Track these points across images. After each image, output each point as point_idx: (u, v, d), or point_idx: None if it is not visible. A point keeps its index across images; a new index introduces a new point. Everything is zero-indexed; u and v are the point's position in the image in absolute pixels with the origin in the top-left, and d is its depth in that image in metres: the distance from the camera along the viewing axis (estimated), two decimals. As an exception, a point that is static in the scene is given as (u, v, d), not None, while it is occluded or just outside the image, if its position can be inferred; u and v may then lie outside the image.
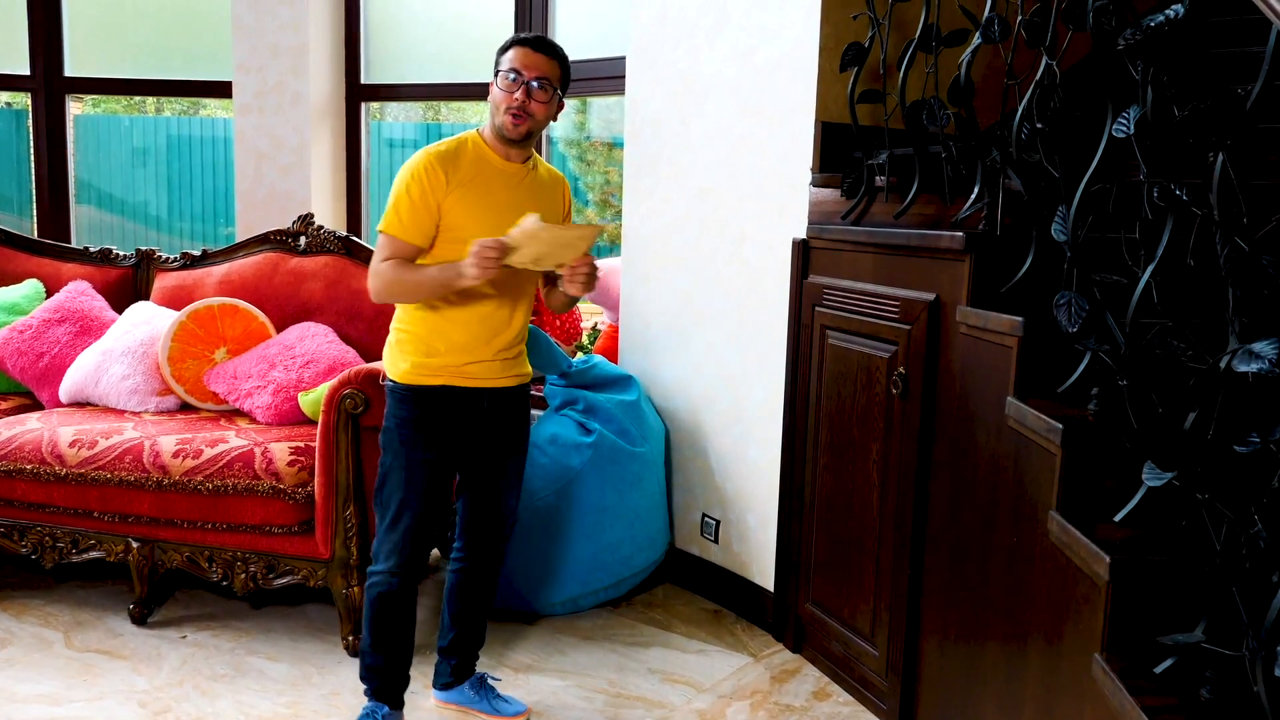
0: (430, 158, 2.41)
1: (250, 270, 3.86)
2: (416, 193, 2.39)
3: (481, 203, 2.44)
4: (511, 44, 2.45)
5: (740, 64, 3.28)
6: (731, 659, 3.13)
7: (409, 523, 2.48)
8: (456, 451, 2.54)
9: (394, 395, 2.51)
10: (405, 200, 2.40)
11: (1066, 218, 1.99)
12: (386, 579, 2.51)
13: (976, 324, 2.30)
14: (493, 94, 2.43)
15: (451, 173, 2.41)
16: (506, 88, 2.40)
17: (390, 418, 2.51)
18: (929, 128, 2.52)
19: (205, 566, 3.11)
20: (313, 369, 3.47)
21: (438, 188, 2.39)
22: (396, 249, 2.41)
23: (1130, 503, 1.78)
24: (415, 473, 2.47)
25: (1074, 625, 1.86)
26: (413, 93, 4.75)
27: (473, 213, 2.42)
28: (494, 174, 2.46)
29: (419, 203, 2.39)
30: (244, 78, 4.57)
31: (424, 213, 2.39)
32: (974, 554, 2.34)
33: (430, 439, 2.47)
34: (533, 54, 2.42)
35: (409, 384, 2.48)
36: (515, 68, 2.40)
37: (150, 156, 8.41)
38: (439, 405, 2.48)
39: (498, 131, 2.44)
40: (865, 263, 2.80)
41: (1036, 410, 2.00)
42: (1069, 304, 1.96)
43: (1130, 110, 1.78)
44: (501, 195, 2.47)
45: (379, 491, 2.52)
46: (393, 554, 2.50)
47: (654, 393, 3.73)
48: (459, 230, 2.41)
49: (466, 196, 2.42)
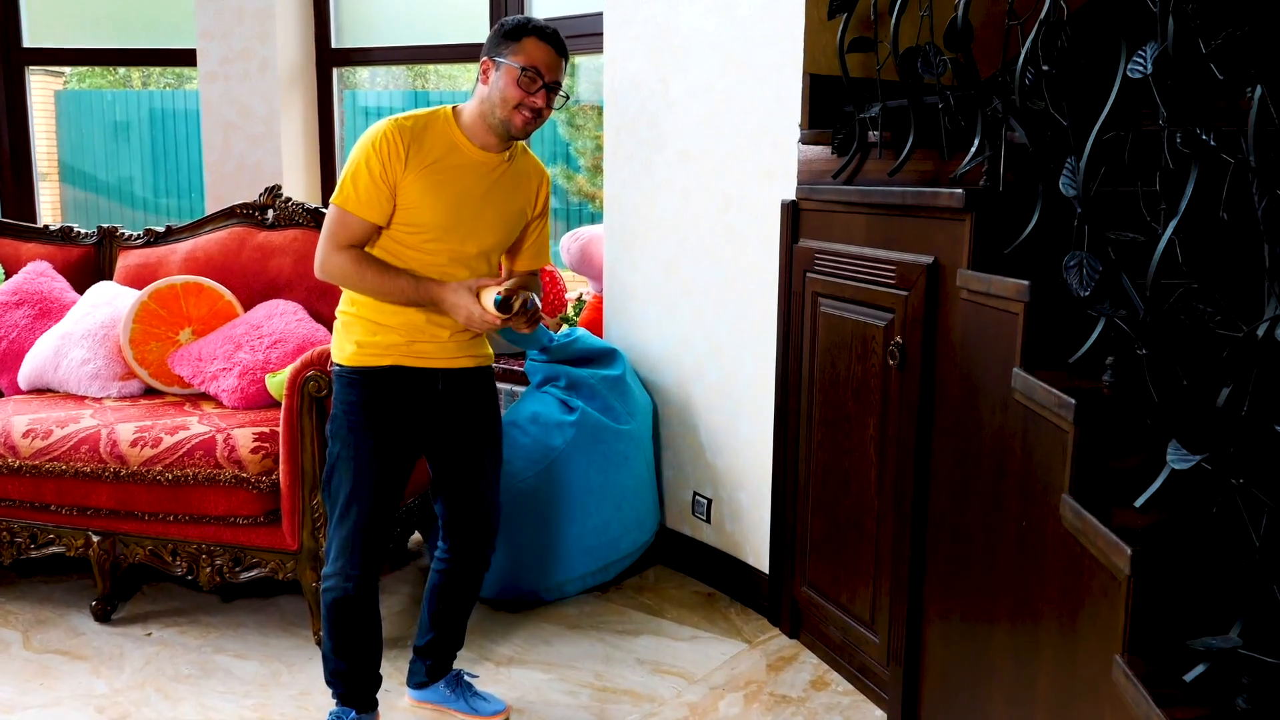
0: (391, 128, 2.20)
1: (216, 246, 3.68)
2: (376, 166, 2.18)
3: (442, 191, 2.24)
4: (530, 34, 2.20)
5: (721, 15, 3.07)
6: (725, 646, 2.97)
7: (358, 518, 2.29)
8: (410, 439, 2.35)
9: (340, 380, 2.33)
10: (363, 172, 2.19)
11: (1076, 170, 1.81)
12: (340, 583, 2.31)
13: (979, 289, 2.12)
14: (497, 85, 2.20)
15: (414, 150, 2.20)
16: (524, 85, 2.18)
17: (336, 404, 2.33)
18: (925, 76, 2.32)
19: (169, 560, 2.95)
20: (281, 349, 3.30)
21: (394, 162, 2.19)
22: (349, 227, 2.22)
23: (1152, 486, 1.61)
24: (364, 462, 2.28)
25: (1091, 620, 1.69)
26: (386, 56, 4.54)
27: (429, 201, 2.23)
28: (463, 161, 2.26)
29: (377, 178, 2.19)
30: (208, 44, 4.36)
31: (382, 190, 2.19)
32: (979, 537, 2.17)
33: (380, 425, 2.29)
34: (554, 55, 2.22)
35: (355, 366, 2.29)
36: (536, 66, 2.18)
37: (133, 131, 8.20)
38: (388, 387, 2.29)
39: (496, 125, 2.23)
40: (858, 225, 2.61)
41: (1046, 383, 1.82)
42: (1080, 265, 1.77)
43: (1147, 47, 1.59)
44: (467, 187, 2.27)
45: (326, 484, 2.34)
46: (343, 553, 2.31)
47: (641, 366, 3.55)
48: (414, 216, 2.23)
49: (425, 180, 2.22)
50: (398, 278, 2.22)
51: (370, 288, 2.23)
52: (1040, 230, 2.05)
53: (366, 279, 2.22)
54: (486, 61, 2.23)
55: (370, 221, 2.21)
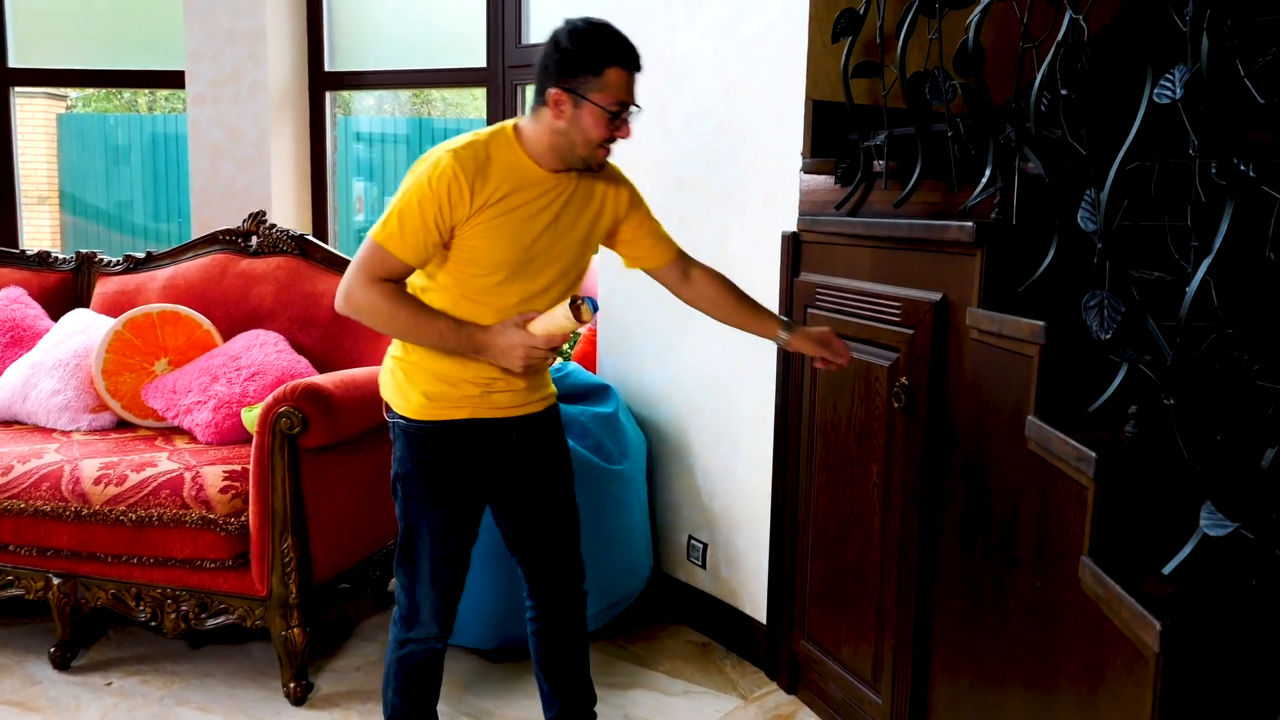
0: (452, 165, 1.91)
1: (197, 273, 3.55)
2: (431, 209, 1.91)
3: (509, 229, 1.98)
4: (613, 61, 1.93)
5: (722, 38, 2.94)
6: (720, 702, 2.80)
7: (447, 581, 2.14)
8: (484, 494, 2.18)
9: (406, 437, 2.09)
10: (414, 212, 1.92)
11: (1096, 203, 1.66)
12: (430, 645, 2.18)
13: (990, 328, 1.97)
14: (578, 123, 1.94)
15: (478, 187, 1.93)
16: (610, 124, 1.96)
17: (405, 463, 2.10)
18: (933, 103, 2.19)
19: (132, 605, 2.80)
20: (259, 381, 3.16)
21: (458, 206, 1.92)
22: (387, 264, 1.95)
23: (1181, 552, 1.45)
24: (447, 526, 2.11)
25: (1113, 699, 1.53)
26: (381, 80, 4.43)
27: (495, 242, 1.97)
28: (530, 189, 1.99)
29: (430, 223, 1.92)
30: (197, 66, 4.25)
31: (432, 234, 1.94)
32: (990, 596, 2.01)
33: (457, 484, 2.10)
34: (633, 79, 1.99)
35: (425, 420, 2.06)
36: (623, 100, 1.96)
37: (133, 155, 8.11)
38: (462, 442, 2.08)
39: (574, 161, 2.01)
40: (863, 258, 2.47)
41: (1063, 434, 1.67)
42: (1101, 305, 1.63)
43: (1176, 70, 1.45)
44: (536, 218, 2.01)
45: (406, 549, 2.13)
46: (435, 618, 2.15)
47: (635, 403, 3.40)
48: (478, 255, 1.98)
49: (491, 221, 1.96)
50: (436, 320, 1.97)
51: (401, 328, 1.99)
52: (1056, 267, 1.90)
53: (399, 318, 1.96)
54: (559, 94, 1.93)
55: (409, 265, 1.97)
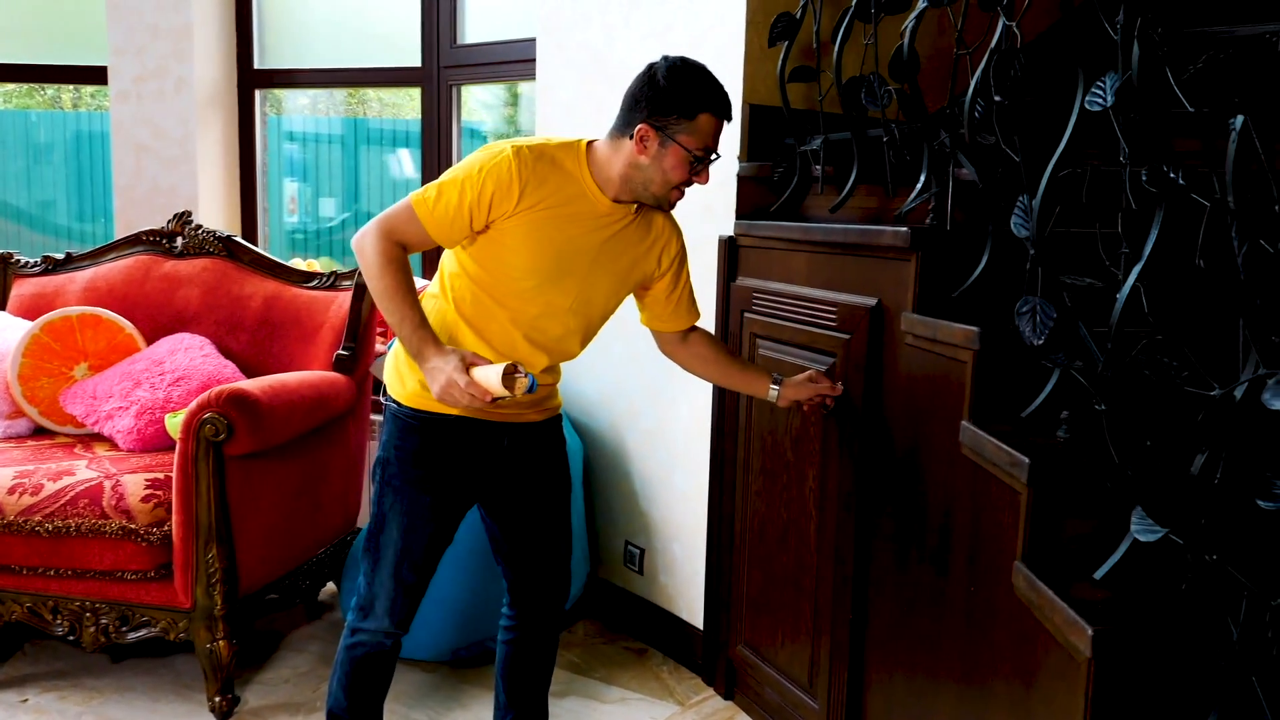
0: (511, 158, 1.89)
1: (119, 275, 3.45)
2: (472, 194, 1.89)
3: (550, 239, 1.94)
4: (707, 107, 1.90)
5: (659, 41, 2.93)
6: (656, 709, 2.78)
7: (408, 576, 2.08)
8: (468, 495, 2.13)
9: (397, 421, 2.06)
10: (453, 192, 1.90)
11: (1029, 209, 1.67)
12: (379, 639, 2.12)
13: (924, 334, 1.98)
14: (660, 162, 1.91)
15: (531, 187, 1.90)
16: (692, 168, 1.93)
17: (389, 448, 2.06)
18: (869, 108, 2.19)
19: (49, 619, 2.70)
20: (183, 386, 3.07)
21: (501, 202, 1.89)
22: (410, 229, 1.93)
23: (1112, 557, 1.46)
24: (421, 519, 2.05)
25: (1046, 703, 1.54)
26: (312, 79, 4.34)
27: (532, 247, 1.94)
28: (584, 210, 1.97)
29: (465, 207, 1.90)
30: (120, 62, 4.12)
31: (463, 218, 1.91)
32: (924, 600, 2.02)
33: (439, 479, 2.05)
34: (722, 127, 1.95)
35: (418, 409, 2.03)
36: (709, 146, 1.92)
37: (56, 154, 7.88)
38: (450, 438, 2.04)
39: (646, 198, 1.98)
40: (799, 263, 2.47)
41: (996, 439, 1.68)
42: (1034, 311, 1.64)
43: (1107, 77, 1.46)
44: (581, 237, 1.98)
45: (372, 536, 2.09)
46: (390, 612, 2.09)
47: (571, 409, 3.37)
48: (510, 256, 1.95)
49: (533, 225, 1.92)
50: (407, 307, 1.92)
51: (379, 291, 1.93)
52: (990, 273, 1.92)
53: (383, 281, 1.92)
54: (647, 129, 1.90)
55: (432, 240, 1.95)
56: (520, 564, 2.24)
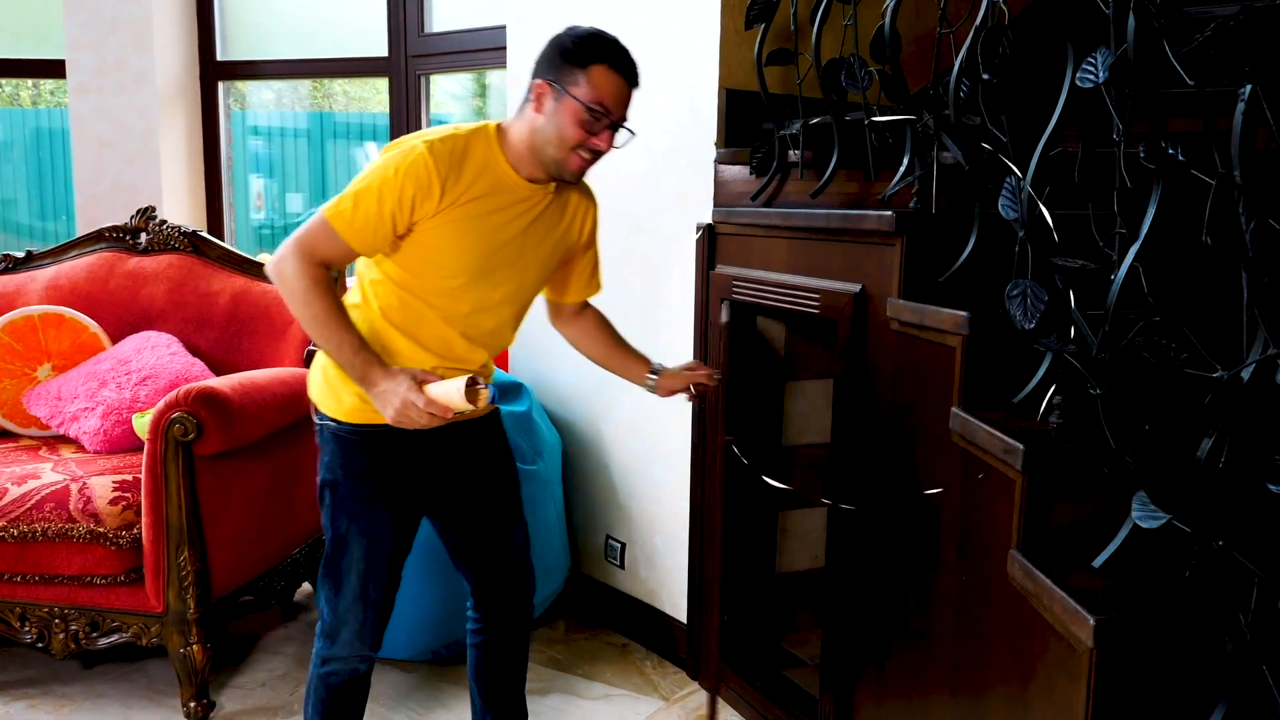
0: (425, 157, 1.80)
1: (82, 273, 3.36)
2: (391, 199, 1.79)
3: (476, 234, 1.87)
4: (599, 60, 1.82)
5: (630, 26, 2.86)
6: (640, 704, 2.74)
7: (375, 596, 2.00)
8: (421, 504, 2.06)
9: (337, 441, 1.96)
10: (371, 200, 1.80)
11: (1017, 190, 1.64)
12: (353, 665, 2.04)
13: (911, 319, 1.94)
14: (554, 119, 1.83)
15: (451, 184, 1.82)
16: (586, 125, 1.83)
17: (334, 469, 1.96)
18: (849, 90, 2.15)
19: (17, 626, 2.62)
20: (151, 386, 2.99)
21: (423, 202, 1.80)
22: (330, 246, 1.82)
23: (1112, 544, 1.43)
24: (380, 536, 1.97)
25: (1046, 694, 1.51)
26: (276, 70, 4.25)
27: (459, 244, 1.86)
28: (503, 195, 1.89)
29: (386, 213, 1.80)
30: (78, 55, 4.03)
31: (385, 225, 1.81)
32: (914, 590, 1.99)
33: (393, 491, 1.97)
34: (626, 88, 1.86)
35: (360, 424, 1.93)
36: (604, 102, 1.83)
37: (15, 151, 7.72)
38: (399, 447, 1.95)
39: (547, 163, 1.88)
40: (780, 249, 2.43)
41: (989, 426, 1.64)
42: (1024, 295, 1.61)
43: (1098, 54, 1.43)
44: (505, 226, 1.90)
45: (332, 561, 1.99)
46: (361, 635, 2.01)
47: (548, 401, 3.32)
48: (437, 257, 1.87)
49: (458, 222, 1.85)
50: (345, 331, 1.82)
51: (308, 318, 1.82)
52: (976, 257, 1.88)
53: (312, 308, 1.81)
54: (542, 85, 1.84)
55: (355, 253, 1.85)
56: (482, 564, 2.18)
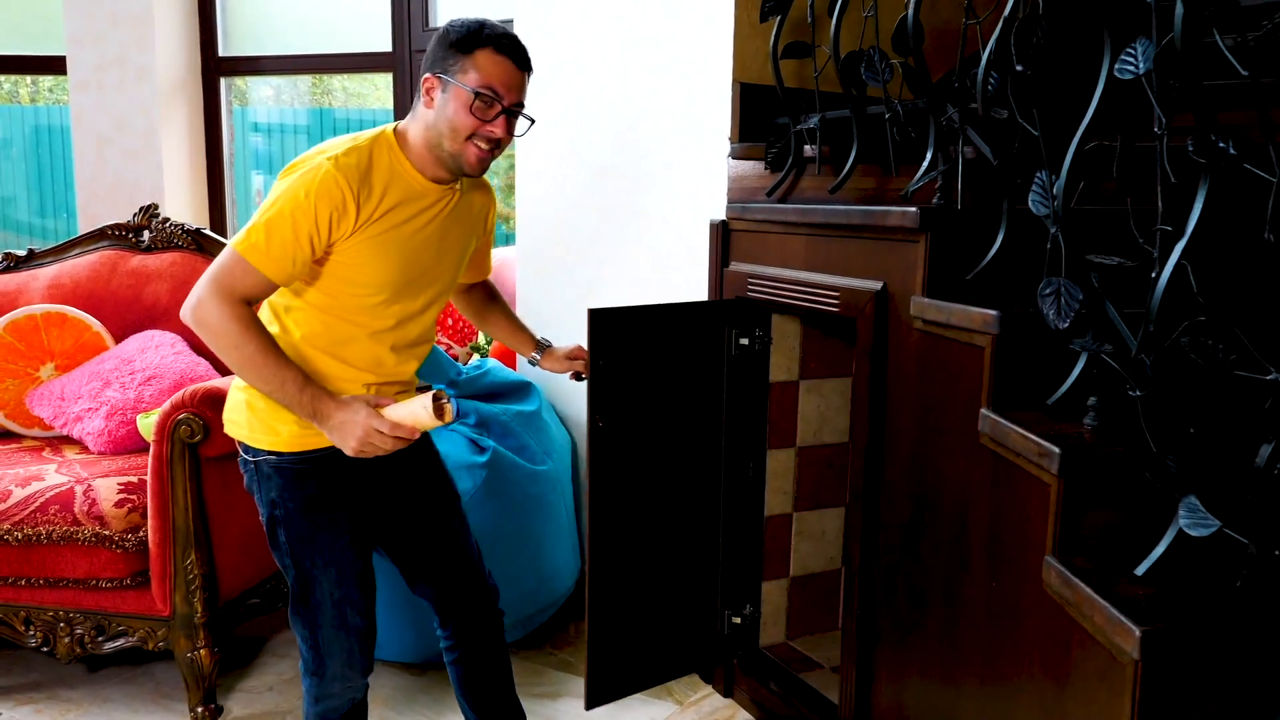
0: (333, 174, 1.74)
1: (84, 271, 3.31)
2: (305, 225, 1.73)
3: (394, 246, 1.83)
4: (482, 44, 1.78)
5: (641, 18, 2.83)
6: (654, 708, 2.70)
7: (357, 623, 1.95)
8: (372, 524, 2.00)
9: (281, 473, 1.87)
10: (285, 227, 1.72)
11: (1049, 186, 1.59)
12: (350, 695, 1.99)
13: (937, 319, 1.89)
14: (445, 110, 1.80)
15: (363, 199, 1.77)
16: (478, 111, 1.78)
17: (282, 504, 1.88)
18: (869, 83, 2.10)
19: (21, 629, 2.58)
20: (155, 386, 2.95)
21: (340, 222, 1.75)
22: (248, 282, 1.74)
23: (1155, 551, 1.39)
24: (346, 561, 1.91)
25: (1084, 704, 1.46)
26: (279, 66, 4.21)
27: (379, 261, 1.82)
28: (414, 202, 1.85)
29: (302, 238, 1.73)
30: (78, 51, 3.98)
31: (304, 251, 1.75)
32: (939, 597, 1.94)
33: (348, 513, 1.92)
34: (515, 70, 1.81)
35: (301, 451, 1.86)
36: (493, 87, 1.78)
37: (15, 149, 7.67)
38: (345, 470, 1.89)
39: (445, 159, 1.84)
40: (796, 246, 2.38)
41: (1022, 428, 1.60)
42: (1057, 293, 1.56)
43: (1138, 44, 1.39)
44: (419, 233, 1.87)
45: (302, 597, 1.92)
46: (350, 663, 1.96)
47: (558, 400, 3.27)
48: (357, 275, 1.82)
49: (374, 238, 1.80)
50: (283, 367, 1.76)
51: (241, 361, 1.74)
52: (1004, 255, 1.84)
53: (244, 350, 1.73)
54: (430, 79, 1.81)
55: (274, 284, 1.77)
56: (442, 577, 2.13)
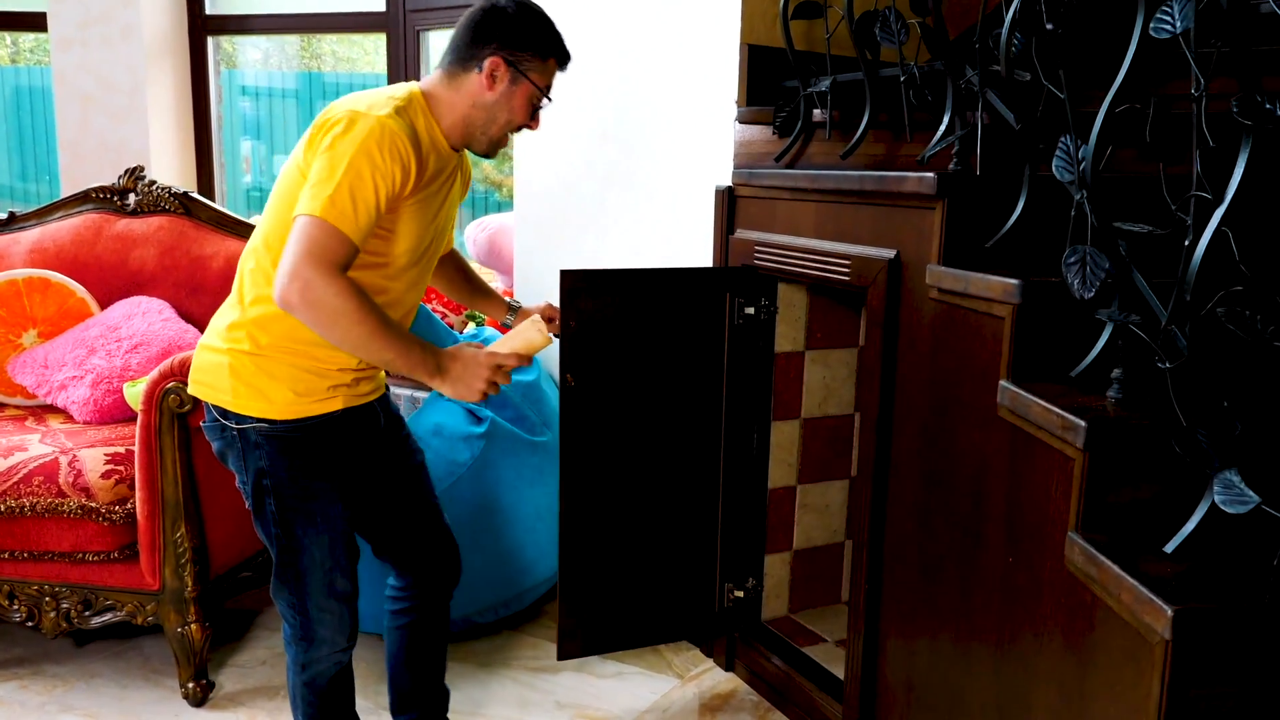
0: (402, 137, 1.67)
1: (68, 235, 3.23)
2: (385, 186, 1.65)
3: (426, 214, 1.81)
4: (557, 52, 1.85)
5: (647, -22, 2.75)
6: (655, 683, 2.66)
7: (344, 587, 1.91)
8: (360, 487, 1.96)
9: (273, 442, 1.80)
10: (367, 189, 1.63)
11: (1072, 150, 1.53)
12: (337, 657, 1.95)
13: (954, 288, 1.84)
14: (506, 99, 1.80)
15: (422, 164, 1.73)
16: (529, 109, 1.84)
17: (276, 472, 1.81)
18: (884, 44, 2.04)
19: (5, 604, 2.52)
20: (142, 353, 2.88)
21: (406, 179, 1.69)
22: (346, 254, 1.63)
23: (1185, 527, 1.34)
24: (336, 527, 1.87)
25: (1108, 686, 1.42)
26: (268, 25, 4.10)
27: (413, 226, 1.79)
28: (441, 169, 1.83)
29: (382, 199, 1.66)
30: (60, 6, 3.86)
31: (377, 214, 1.67)
32: (952, 571, 1.90)
33: (340, 480, 1.87)
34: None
35: (297, 418, 1.80)
36: (549, 88, 1.85)
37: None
38: (337, 434, 1.85)
39: (479, 138, 1.84)
40: (806, 213, 2.32)
41: (1045, 401, 1.55)
42: (1083, 261, 1.51)
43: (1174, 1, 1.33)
44: (438, 198, 1.85)
45: (288, 566, 1.87)
46: (340, 629, 1.93)
47: (556, 370, 3.21)
48: (388, 245, 1.78)
49: (418, 204, 1.78)
50: (403, 333, 1.72)
51: (363, 336, 1.64)
52: (1025, 222, 1.78)
53: (367, 323, 1.63)
54: (499, 62, 1.77)
55: (358, 248, 1.67)
56: (415, 536, 2.10)
